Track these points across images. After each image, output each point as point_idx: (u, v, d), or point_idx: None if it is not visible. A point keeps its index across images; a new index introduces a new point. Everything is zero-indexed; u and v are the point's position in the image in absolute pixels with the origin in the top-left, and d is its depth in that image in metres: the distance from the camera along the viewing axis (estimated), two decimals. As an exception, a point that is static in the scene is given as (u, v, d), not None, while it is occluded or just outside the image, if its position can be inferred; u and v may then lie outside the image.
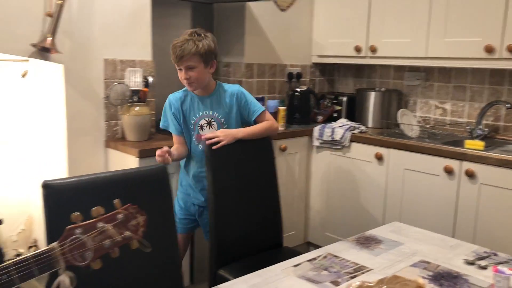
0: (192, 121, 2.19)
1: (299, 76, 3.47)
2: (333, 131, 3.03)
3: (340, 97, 3.44)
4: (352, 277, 1.36)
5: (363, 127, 3.10)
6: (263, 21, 3.23)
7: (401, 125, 2.97)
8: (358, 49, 3.20)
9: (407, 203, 2.74)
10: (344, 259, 1.49)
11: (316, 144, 3.14)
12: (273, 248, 2.22)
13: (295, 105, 3.30)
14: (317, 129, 3.11)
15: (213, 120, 2.19)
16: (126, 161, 2.43)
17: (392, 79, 3.46)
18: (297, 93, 3.32)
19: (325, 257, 1.51)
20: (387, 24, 3.05)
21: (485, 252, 1.58)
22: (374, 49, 3.12)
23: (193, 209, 2.28)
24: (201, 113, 2.19)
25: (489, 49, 2.56)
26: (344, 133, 2.98)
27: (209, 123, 2.19)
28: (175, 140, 2.24)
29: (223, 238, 2.03)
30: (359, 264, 1.46)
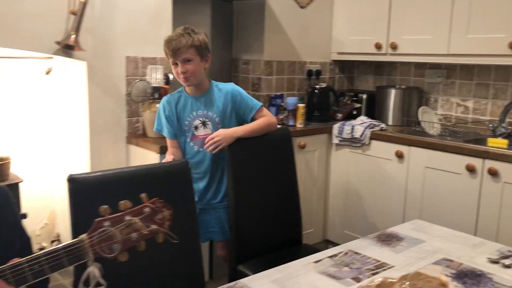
0: (186, 122, 2.13)
1: (319, 73, 3.46)
2: (352, 129, 3.01)
3: (359, 95, 3.42)
4: (373, 274, 1.36)
5: (383, 125, 3.08)
6: (283, 18, 3.22)
7: (422, 123, 2.94)
8: (378, 46, 3.18)
9: (428, 202, 2.71)
10: (365, 256, 1.49)
11: (335, 141, 3.12)
12: (292, 245, 2.22)
13: (314, 103, 3.29)
14: (336, 127, 3.10)
15: (207, 120, 2.12)
16: (147, 157, 2.46)
17: (412, 76, 3.42)
18: (316, 91, 3.31)
19: (346, 253, 1.50)
20: (408, 20, 3.02)
21: (510, 251, 1.55)
22: (394, 46, 3.09)
23: None
24: (195, 113, 2.12)
25: (514, 46, 2.52)
26: (364, 131, 2.97)
27: (203, 123, 2.12)
28: (170, 144, 2.19)
29: (243, 234, 2.04)
30: (380, 261, 1.45)
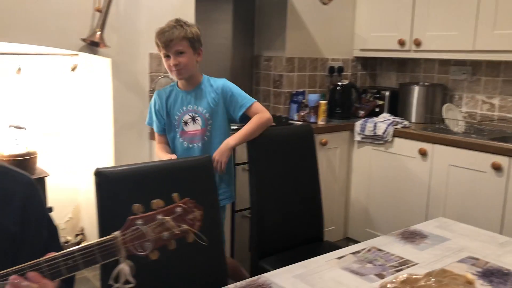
0: (176, 117, 2.09)
1: (341, 70, 3.44)
2: (375, 126, 2.99)
3: (382, 92, 3.39)
4: (397, 271, 1.34)
5: (406, 122, 3.04)
6: (305, 15, 3.21)
7: (446, 120, 2.90)
8: (401, 43, 3.14)
9: (452, 200, 2.67)
10: (388, 252, 1.48)
11: (357, 139, 3.10)
12: (314, 242, 2.22)
13: (336, 100, 3.28)
14: (358, 124, 3.08)
15: (197, 115, 2.06)
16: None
17: (436, 73, 3.37)
18: (338, 87, 3.29)
19: (369, 250, 1.49)
20: (433, 16, 2.97)
21: (537, 250, 1.52)
22: (418, 43, 3.05)
23: None
24: (185, 108, 2.08)
25: (542, 41, 2.46)
26: (386, 128, 2.94)
27: (193, 118, 2.07)
28: (158, 139, 2.16)
29: (264, 230, 2.04)
30: (404, 258, 1.44)
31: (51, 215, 1.19)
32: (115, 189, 1.37)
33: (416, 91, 3.18)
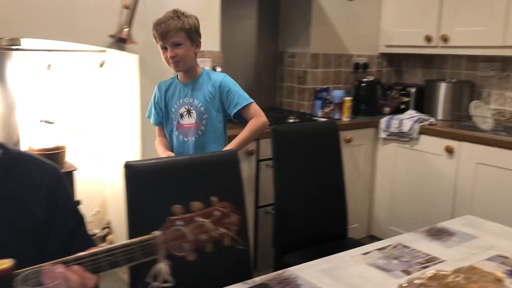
0: (173, 109, 2.05)
1: (366, 66, 3.41)
2: (401, 123, 2.95)
3: (408, 88, 3.35)
4: (423, 267, 1.33)
5: (433, 119, 3.00)
6: (330, 11, 3.20)
7: (473, 118, 2.84)
8: (428, 39, 3.09)
9: (479, 198, 2.63)
10: (414, 249, 1.47)
11: (382, 135, 3.07)
12: (337, 238, 2.21)
13: (361, 96, 3.26)
14: (384, 121, 3.05)
15: (192, 108, 2.02)
16: (194, 148, 2.51)
17: (464, 69, 3.31)
18: (363, 84, 3.27)
19: (395, 247, 1.49)
20: (461, 11, 2.92)
21: None
22: (446, 39, 3.00)
23: None
24: (181, 100, 2.04)
25: None
26: (412, 125, 2.90)
27: (188, 111, 2.02)
28: (157, 132, 2.15)
29: (288, 225, 2.05)
30: (430, 255, 1.42)
31: (79, 207, 1.22)
32: (144, 181, 1.39)
33: (443, 87, 3.13)
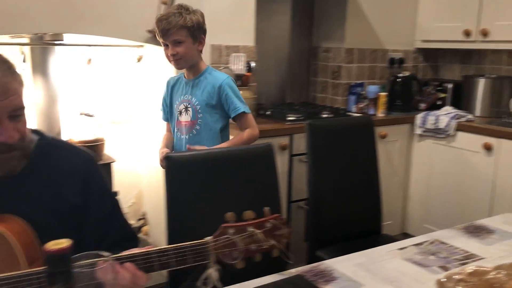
0: (175, 106, 2.03)
1: (401, 61, 3.36)
2: (437, 119, 2.90)
3: (444, 84, 3.28)
4: (462, 264, 1.32)
5: (470, 116, 2.93)
6: (365, 5, 3.16)
7: (514, 114, 2.77)
8: (467, 33, 3.02)
9: (519, 197, 2.56)
10: (452, 246, 1.45)
11: (418, 132, 3.03)
12: (371, 235, 2.20)
13: (396, 92, 3.21)
14: (419, 117, 3.00)
15: (189, 106, 1.96)
16: (228, 142, 2.54)
17: (504, 65, 3.22)
18: (398, 79, 3.23)
19: (432, 243, 1.47)
20: (502, 4, 2.84)
21: None
22: (485, 33, 2.92)
23: None
24: (182, 97, 2.00)
25: None
26: (449, 121, 2.84)
27: (186, 108, 1.97)
28: (165, 127, 2.14)
29: (321, 220, 2.05)
30: (469, 252, 1.40)
31: (114, 193, 1.26)
32: (182, 172, 1.43)
33: (481, 83, 3.05)
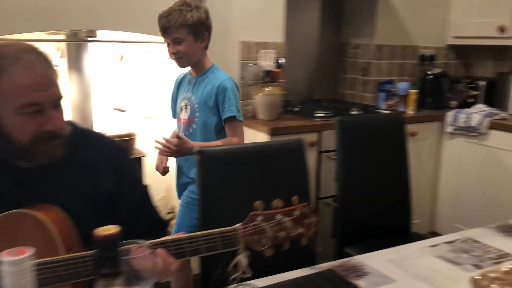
0: (178, 102, 2.01)
1: (432, 58, 3.31)
2: (469, 117, 2.85)
3: (477, 82, 3.21)
4: (496, 263, 1.30)
5: (504, 114, 2.87)
6: (396, 0, 3.12)
7: (550, 112, 2.69)
8: (502, 29, 2.95)
9: (554, 198, 2.49)
10: (486, 244, 1.43)
11: (448, 130, 2.98)
12: (400, 232, 2.18)
13: (427, 89, 3.17)
14: (450, 114, 2.95)
15: (189, 103, 1.93)
16: (257, 138, 2.56)
17: (540, 62, 3.13)
18: (429, 76, 3.18)
19: (465, 241, 1.45)
20: (540, 0, 2.76)
21: None
22: (521, 29, 2.85)
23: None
24: (184, 94, 1.97)
25: None
26: (481, 119, 2.79)
27: (186, 105, 1.94)
28: (176, 124, 2.11)
29: (350, 216, 2.04)
30: (503, 251, 1.38)
31: (144, 181, 1.29)
32: (214, 166, 1.45)
33: (516, 81, 2.98)
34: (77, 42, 2.55)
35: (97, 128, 2.70)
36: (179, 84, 2.04)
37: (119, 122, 2.76)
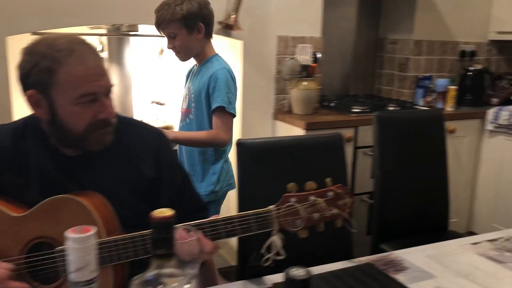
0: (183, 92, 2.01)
1: (473, 54, 3.23)
2: (511, 115, 2.77)
3: (520, 78, 3.12)
4: (540, 263, 1.27)
5: (549, 112, 2.78)
6: (437, -5, 3.07)
7: None
8: (548, 24, 2.85)
9: None
10: (530, 244, 1.40)
11: (489, 128, 2.90)
12: (437, 230, 2.15)
13: (467, 85, 3.10)
14: (491, 112, 2.87)
15: (187, 93, 1.92)
16: (292, 133, 2.56)
17: None
18: (469, 73, 3.11)
19: (508, 239, 1.43)
20: None
21: None
22: None
23: None
24: (187, 84, 1.96)
25: None
26: (524, 117, 2.71)
27: (185, 96, 1.94)
28: None
29: (386, 213, 2.02)
30: (548, 251, 1.35)
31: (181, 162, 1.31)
32: (253, 158, 1.47)
33: (562, 77, 2.87)
34: (118, 36, 2.62)
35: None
36: (188, 74, 2.03)
37: (158, 115, 2.81)
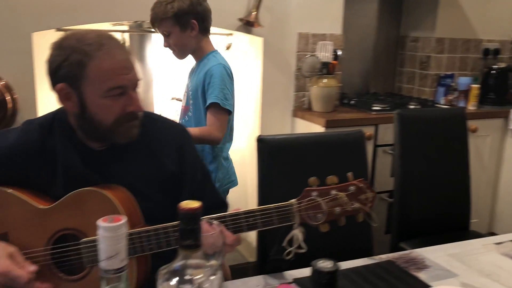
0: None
1: (497, 52, 3.17)
2: (535, 114, 2.72)
3: (545, 77, 3.06)
4: None
5: None
6: (460, -7, 3.03)
7: None
8: None
9: None
10: (555, 245, 1.37)
11: (512, 127, 2.86)
12: (458, 230, 2.13)
13: (490, 84, 3.05)
14: (515, 111, 2.83)
15: (185, 91, 1.93)
16: (312, 130, 2.56)
17: None
18: (493, 71, 3.06)
19: (532, 240, 1.40)
20: None
21: None
22: None
23: None
24: (187, 81, 1.96)
25: None
26: (549, 117, 2.65)
27: (185, 93, 1.94)
28: None
29: (406, 211, 2.01)
30: None
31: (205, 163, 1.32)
32: (273, 154, 1.48)
33: None
34: (140, 33, 2.64)
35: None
36: (191, 72, 2.02)
37: (178, 111, 2.83)
